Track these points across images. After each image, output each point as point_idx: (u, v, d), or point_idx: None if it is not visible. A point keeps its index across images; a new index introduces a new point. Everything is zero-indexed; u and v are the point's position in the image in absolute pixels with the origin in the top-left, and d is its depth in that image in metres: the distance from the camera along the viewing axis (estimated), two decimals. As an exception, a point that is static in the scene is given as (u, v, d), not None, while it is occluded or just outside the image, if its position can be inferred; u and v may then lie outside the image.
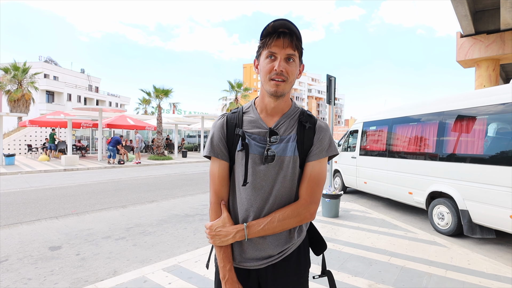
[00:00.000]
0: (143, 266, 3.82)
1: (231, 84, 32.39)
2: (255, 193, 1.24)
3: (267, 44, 1.18)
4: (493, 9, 12.27)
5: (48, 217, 6.14)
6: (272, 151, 1.23)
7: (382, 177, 7.24)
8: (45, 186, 9.87)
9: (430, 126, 5.91)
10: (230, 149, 1.29)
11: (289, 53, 1.16)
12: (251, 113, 1.31)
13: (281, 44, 1.15)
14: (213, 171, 1.30)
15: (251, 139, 1.25)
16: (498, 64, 13.48)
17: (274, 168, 1.23)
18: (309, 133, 1.28)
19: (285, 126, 1.27)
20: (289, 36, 1.16)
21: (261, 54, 1.22)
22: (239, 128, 1.28)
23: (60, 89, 39.02)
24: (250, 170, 1.23)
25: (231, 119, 1.32)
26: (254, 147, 1.24)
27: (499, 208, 4.41)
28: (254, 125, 1.28)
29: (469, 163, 4.98)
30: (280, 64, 1.15)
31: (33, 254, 4.22)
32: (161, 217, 6.26)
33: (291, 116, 1.30)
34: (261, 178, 1.23)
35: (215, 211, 1.29)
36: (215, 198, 1.30)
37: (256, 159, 1.23)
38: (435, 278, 3.40)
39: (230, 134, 1.29)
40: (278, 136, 1.25)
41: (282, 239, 1.25)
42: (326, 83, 7.15)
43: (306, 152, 1.27)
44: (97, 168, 15.04)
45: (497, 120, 4.72)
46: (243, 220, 1.25)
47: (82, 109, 20.06)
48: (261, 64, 1.23)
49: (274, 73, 1.16)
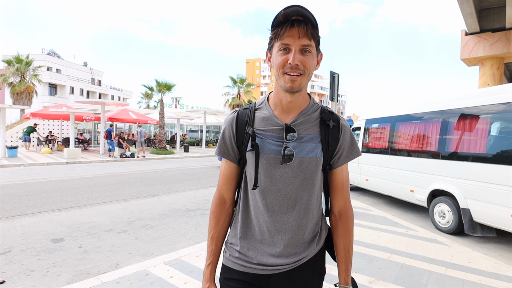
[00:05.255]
0: (145, 260, 3.85)
1: (233, 79, 32.37)
2: (272, 198, 1.13)
3: (279, 35, 1.04)
4: (499, 7, 12.17)
5: (50, 209, 6.18)
6: (290, 150, 1.10)
7: (383, 175, 7.24)
8: (47, 178, 9.93)
9: (433, 124, 5.89)
10: (240, 148, 1.18)
11: (305, 43, 1.02)
12: (264, 109, 1.18)
13: (295, 34, 1.02)
14: (220, 169, 1.26)
15: (264, 138, 1.13)
16: (503, 62, 13.41)
17: (292, 170, 1.11)
18: (334, 132, 1.16)
19: (304, 124, 1.14)
20: (303, 24, 1.01)
21: (273, 46, 1.09)
22: (250, 126, 1.16)
23: (63, 82, 39.07)
24: (263, 172, 1.12)
25: (242, 115, 1.20)
26: (268, 146, 1.12)
27: (500, 207, 4.41)
28: (268, 123, 1.15)
29: (471, 162, 4.97)
30: (295, 57, 1.02)
31: (36, 246, 4.26)
32: (163, 211, 6.29)
33: (311, 113, 1.16)
34: (277, 181, 1.12)
35: (213, 213, 1.25)
36: (217, 196, 1.25)
37: (271, 159, 1.11)
38: (435, 276, 3.42)
39: (240, 132, 1.18)
40: (295, 133, 1.11)
41: (300, 248, 1.17)
42: (330, 79, 7.14)
43: (332, 154, 1.16)
44: (99, 162, 15.09)
45: (500, 119, 4.70)
46: (260, 228, 1.16)
47: (85, 102, 20.09)
48: (273, 57, 1.09)
49: (289, 67, 1.03)
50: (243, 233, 1.19)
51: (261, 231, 1.16)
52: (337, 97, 7.27)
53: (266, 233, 1.15)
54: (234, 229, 1.24)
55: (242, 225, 1.20)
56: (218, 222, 1.24)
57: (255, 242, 1.17)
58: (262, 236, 1.16)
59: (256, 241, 1.17)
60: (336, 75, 7.10)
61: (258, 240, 1.17)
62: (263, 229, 1.15)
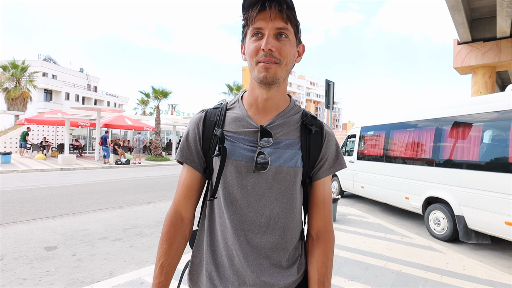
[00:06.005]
0: (139, 268, 3.81)
1: (229, 86, 32.44)
2: (242, 214, 0.94)
3: (250, 20, 0.89)
4: (490, 17, 12.41)
5: (44, 216, 6.11)
6: (264, 157, 0.93)
7: (379, 182, 7.27)
8: (41, 185, 9.82)
9: (427, 132, 5.96)
10: (206, 154, 1.00)
11: (279, 26, 0.87)
12: (237, 109, 1.02)
13: (267, 16, 0.87)
14: (180, 178, 1.04)
15: (235, 141, 0.96)
16: (494, 71, 13.62)
17: (267, 181, 0.94)
18: (317, 139, 1.00)
19: (282, 127, 0.98)
20: (276, 3, 0.86)
21: (246, 34, 0.94)
22: (219, 127, 0.99)
23: (59, 88, 38.91)
24: (232, 181, 0.94)
25: (210, 115, 1.03)
26: (239, 151, 0.95)
27: (494, 214, 4.45)
28: (240, 124, 0.98)
29: (465, 169, 5.02)
30: (268, 41, 0.86)
31: (29, 254, 4.20)
32: (158, 219, 6.24)
33: (291, 116, 1.00)
34: (248, 193, 0.94)
35: (166, 234, 0.99)
36: (172, 212, 1.01)
37: (241, 167, 0.94)
38: (431, 283, 3.42)
39: (208, 135, 1.00)
40: (271, 138, 0.95)
41: (277, 277, 0.96)
42: (325, 87, 7.21)
43: (313, 164, 1.00)
44: (94, 168, 14.98)
45: (492, 127, 4.77)
46: (227, 252, 0.96)
47: (81, 109, 19.99)
48: (246, 46, 0.93)
49: (262, 54, 0.87)
50: (209, 257, 0.99)
51: (229, 256, 0.96)
52: (332, 105, 7.34)
53: (235, 257, 0.95)
54: (198, 254, 1.04)
55: (208, 249, 1.00)
56: (171, 247, 0.99)
57: (223, 269, 0.97)
58: (231, 261, 0.95)
59: (224, 267, 0.96)
60: (332, 83, 7.17)
61: (226, 266, 0.96)
62: (231, 253, 0.95)
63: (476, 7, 11.92)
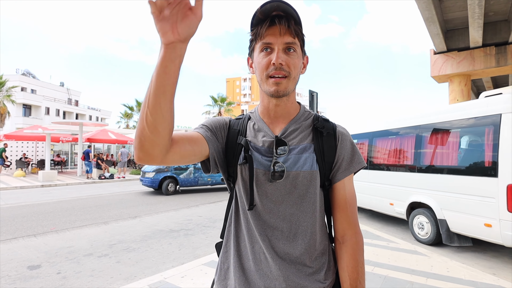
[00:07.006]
0: (127, 283, 3.74)
1: (214, 98, 32.54)
2: (264, 219, 0.98)
3: (259, 35, 0.93)
4: (463, 28, 13.06)
5: (25, 235, 5.92)
6: (280, 166, 0.96)
7: (364, 189, 7.41)
8: (21, 203, 9.51)
9: (408, 139, 6.15)
10: (230, 162, 1.03)
11: (288, 41, 0.92)
12: (254, 119, 1.08)
13: (276, 31, 0.91)
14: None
15: (254, 151, 1.00)
16: (470, 79, 14.24)
17: (285, 187, 0.97)
18: (329, 141, 1.02)
19: (295, 133, 1.02)
20: (285, 20, 0.91)
21: (254, 48, 0.98)
22: (243, 136, 1.03)
23: (38, 103, 38.00)
24: (254, 189, 0.98)
25: (234, 125, 1.07)
26: (258, 160, 0.98)
27: (474, 217, 4.61)
28: (257, 133, 1.04)
29: (445, 174, 5.21)
30: (278, 56, 0.91)
31: (11, 274, 4.06)
32: (145, 233, 6.15)
33: (302, 121, 1.05)
34: (268, 199, 0.98)
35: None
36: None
37: (260, 174, 0.97)
38: (417, 286, 3.51)
39: (232, 143, 1.03)
40: (286, 147, 0.99)
41: (305, 281, 0.97)
42: (309, 98, 7.35)
43: (330, 166, 1.02)
44: (76, 184, 14.62)
45: (469, 133, 4.99)
46: (255, 256, 0.98)
47: (62, 123, 19.60)
48: (255, 60, 0.98)
49: (273, 68, 0.92)
50: (237, 262, 1.01)
51: (255, 260, 0.98)
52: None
53: (262, 262, 0.98)
54: (226, 260, 1.06)
55: (235, 254, 1.02)
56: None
57: (250, 274, 0.98)
58: (258, 266, 0.98)
59: (251, 272, 0.98)
60: (315, 93, 7.33)
61: (253, 271, 0.98)
62: (258, 257, 0.98)
63: (449, 18, 12.53)
